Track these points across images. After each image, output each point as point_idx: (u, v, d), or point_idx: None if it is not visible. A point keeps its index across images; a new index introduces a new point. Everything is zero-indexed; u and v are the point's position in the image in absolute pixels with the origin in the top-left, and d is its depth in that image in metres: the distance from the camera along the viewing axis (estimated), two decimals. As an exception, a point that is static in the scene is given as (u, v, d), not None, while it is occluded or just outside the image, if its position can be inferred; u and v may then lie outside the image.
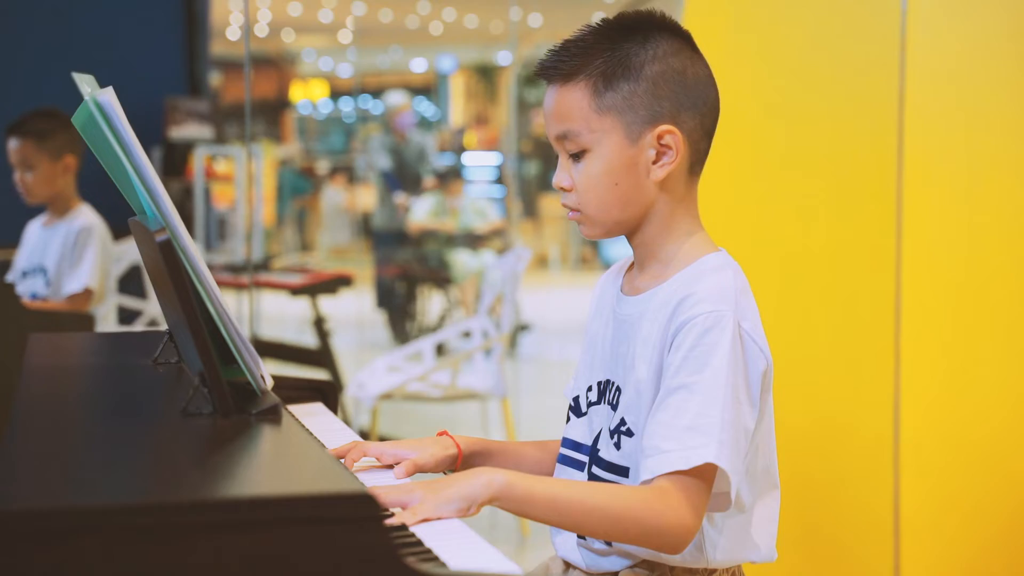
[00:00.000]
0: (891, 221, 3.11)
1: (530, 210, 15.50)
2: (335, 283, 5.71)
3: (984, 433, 3.04)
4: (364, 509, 1.04)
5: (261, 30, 17.44)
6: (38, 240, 3.58)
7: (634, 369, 1.51)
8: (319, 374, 6.39)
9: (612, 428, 1.54)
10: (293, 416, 1.69)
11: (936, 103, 3.14)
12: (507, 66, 16.96)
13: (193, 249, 1.45)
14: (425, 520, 1.32)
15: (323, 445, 1.65)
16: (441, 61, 19.13)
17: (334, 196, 14.69)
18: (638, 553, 1.52)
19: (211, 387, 1.37)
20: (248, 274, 4.66)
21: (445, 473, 1.71)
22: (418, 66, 20.62)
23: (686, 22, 3.84)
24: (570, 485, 1.45)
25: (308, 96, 19.31)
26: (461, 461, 1.69)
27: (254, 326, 6.46)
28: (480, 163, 14.81)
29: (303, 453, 1.24)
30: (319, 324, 5.69)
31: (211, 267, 5.95)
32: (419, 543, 1.29)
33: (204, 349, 1.35)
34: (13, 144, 3.48)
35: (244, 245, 6.42)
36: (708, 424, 1.40)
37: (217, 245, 6.61)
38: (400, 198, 8.15)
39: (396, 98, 8.80)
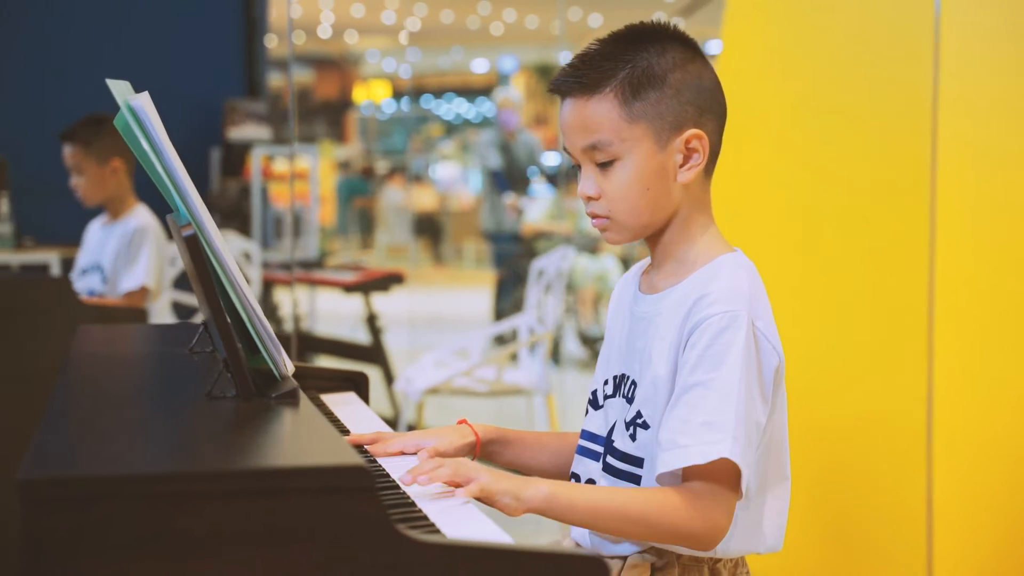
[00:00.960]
0: (925, 216, 3.14)
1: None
2: (387, 281, 5.82)
3: (1016, 426, 3.07)
4: (359, 480, 1.13)
5: (324, 32, 17.65)
6: (97, 239, 3.72)
7: (651, 364, 1.58)
8: (371, 370, 6.51)
9: (628, 420, 1.61)
10: (311, 400, 1.79)
11: (970, 100, 3.17)
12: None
13: (221, 244, 1.55)
14: (486, 493, 1.44)
15: (335, 426, 1.76)
16: (502, 62, 19.24)
17: (393, 195, 14.83)
18: (645, 541, 1.60)
19: (233, 372, 1.47)
20: (290, 270, 4.75)
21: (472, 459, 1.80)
22: (479, 67, 20.75)
23: (726, 23, 3.90)
24: (609, 494, 1.52)
25: (370, 97, 19.48)
26: (479, 449, 1.78)
27: (309, 322, 6.61)
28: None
29: (312, 432, 1.33)
30: (371, 321, 5.80)
31: (267, 265, 6.10)
32: (425, 519, 1.38)
33: (226, 336, 1.45)
34: (66, 150, 3.62)
35: (292, 243, 6.55)
36: (723, 421, 1.46)
37: (274, 243, 6.74)
38: (510, 199, 7.74)
39: (506, 93, 8.27)
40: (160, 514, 1.09)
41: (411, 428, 4.30)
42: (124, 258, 3.56)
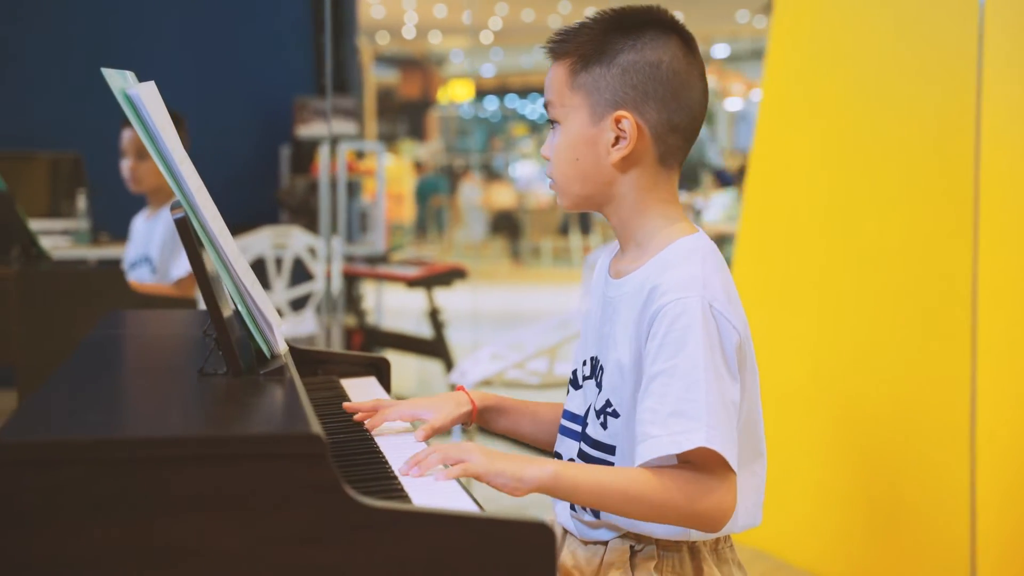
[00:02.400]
0: (969, 207, 3.13)
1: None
2: (449, 276, 5.89)
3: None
4: (311, 447, 1.18)
5: (408, 32, 17.84)
6: (142, 232, 3.82)
7: (615, 350, 1.61)
8: (433, 364, 6.59)
9: (598, 408, 1.64)
10: (330, 383, 1.86)
11: (1013, 93, 3.14)
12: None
13: (219, 228, 1.61)
14: (475, 475, 1.46)
15: (306, 399, 1.82)
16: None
17: (470, 193, 14.93)
18: (623, 525, 1.62)
19: (223, 350, 1.53)
20: (328, 263, 4.83)
21: (464, 428, 1.84)
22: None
23: (774, 20, 3.90)
24: (615, 474, 1.54)
25: (452, 96, 19.63)
26: (476, 416, 1.82)
27: (376, 317, 6.70)
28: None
29: (286, 404, 1.39)
30: (434, 315, 5.87)
31: (351, 259, 6.20)
32: (401, 490, 1.43)
33: (215, 316, 1.51)
34: (129, 134, 3.71)
35: (329, 237, 6.65)
36: (693, 408, 1.48)
37: (359, 238, 6.85)
38: (683, 197, 7.15)
39: None
40: (120, 478, 1.15)
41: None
42: (171, 247, 3.64)
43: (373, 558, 1.18)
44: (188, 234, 1.50)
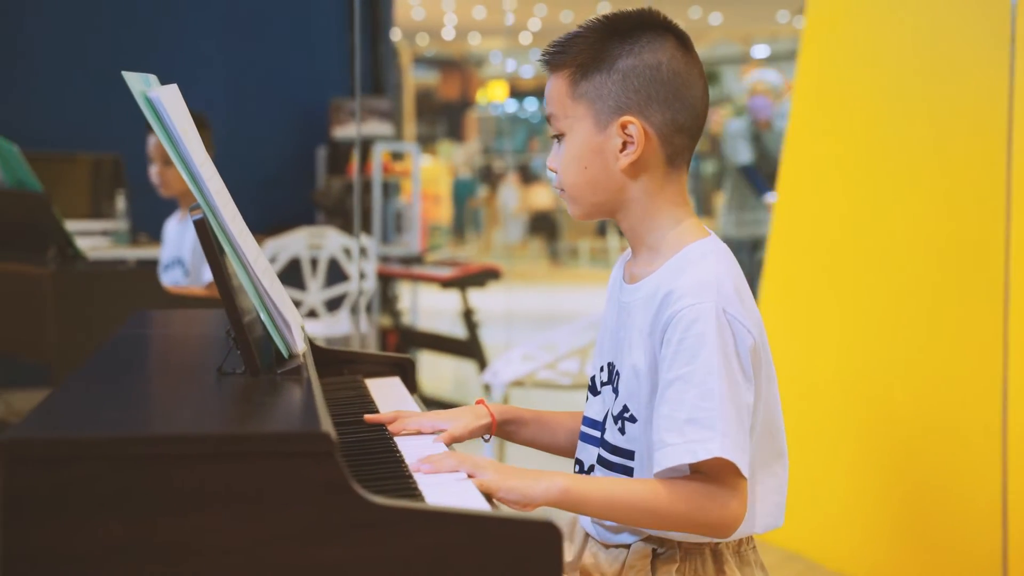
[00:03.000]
0: (1000, 214, 3.11)
1: (704, 208, 15.46)
2: (483, 276, 5.91)
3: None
4: (319, 445, 1.20)
5: (448, 34, 17.88)
6: (175, 235, 3.86)
7: (630, 355, 1.62)
8: (467, 364, 6.61)
9: (616, 414, 1.65)
10: (354, 383, 1.88)
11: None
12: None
13: (238, 229, 1.63)
14: (488, 490, 1.48)
15: (365, 405, 1.83)
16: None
17: (507, 195, 14.95)
18: (644, 529, 1.63)
19: (241, 349, 1.55)
20: (360, 263, 4.85)
21: (484, 439, 1.86)
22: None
23: (807, 23, 3.89)
24: (623, 485, 1.55)
25: (491, 97, 19.66)
26: (495, 428, 1.83)
27: (411, 317, 6.73)
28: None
29: (299, 403, 1.40)
30: (467, 315, 5.89)
31: (386, 259, 6.24)
32: (415, 489, 1.44)
33: (233, 316, 1.53)
34: (155, 139, 3.75)
35: (414, 238, 6.69)
36: (708, 417, 1.49)
37: (394, 238, 6.88)
38: (774, 199, 6.21)
39: (760, 76, 6.78)
40: (128, 475, 1.17)
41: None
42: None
43: (379, 555, 1.19)
44: (206, 235, 1.52)
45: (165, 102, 1.58)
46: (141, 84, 1.59)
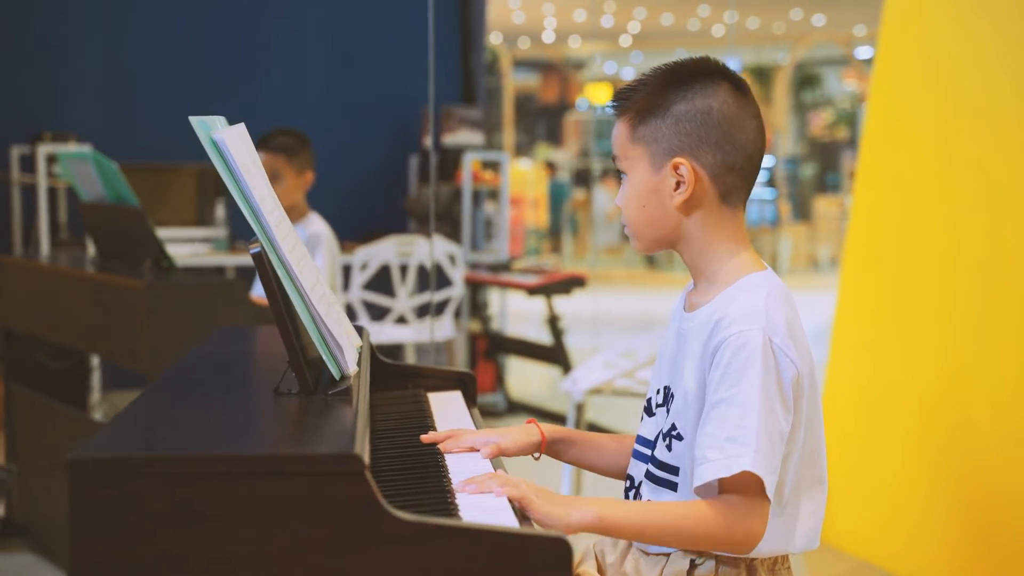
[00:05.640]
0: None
1: (803, 212, 15.36)
2: (568, 284, 6.01)
3: None
4: (348, 466, 1.32)
5: (548, 37, 17.99)
6: (268, 247, 4.03)
7: (683, 378, 1.74)
8: (552, 370, 6.72)
9: (665, 431, 1.77)
10: (417, 397, 2.00)
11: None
12: (784, 66, 16.86)
13: (296, 260, 1.76)
14: (528, 513, 1.59)
15: (426, 420, 1.95)
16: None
17: (603, 198, 14.99)
18: None
19: (295, 371, 1.68)
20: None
21: (534, 457, 1.97)
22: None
23: (881, 38, 3.91)
24: (653, 509, 1.67)
25: (593, 99, 19.70)
26: (544, 447, 1.95)
27: (500, 322, 6.85)
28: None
29: (341, 424, 1.53)
30: (553, 322, 5.99)
31: (475, 266, 6.37)
32: (454, 507, 1.56)
33: (288, 340, 1.67)
34: (262, 156, 3.92)
35: (504, 245, 6.80)
36: (745, 435, 1.60)
37: (483, 245, 7.01)
38: None
39: None
40: (178, 491, 1.30)
41: (576, 428, 4.47)
42: None
43: (402, 567, 1.31)
44: (263, 267, 1.65)
45: (229, 143, 1.71)
46: (206, 128, 1.72)
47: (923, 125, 3.77)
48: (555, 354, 6.02)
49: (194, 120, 1.71)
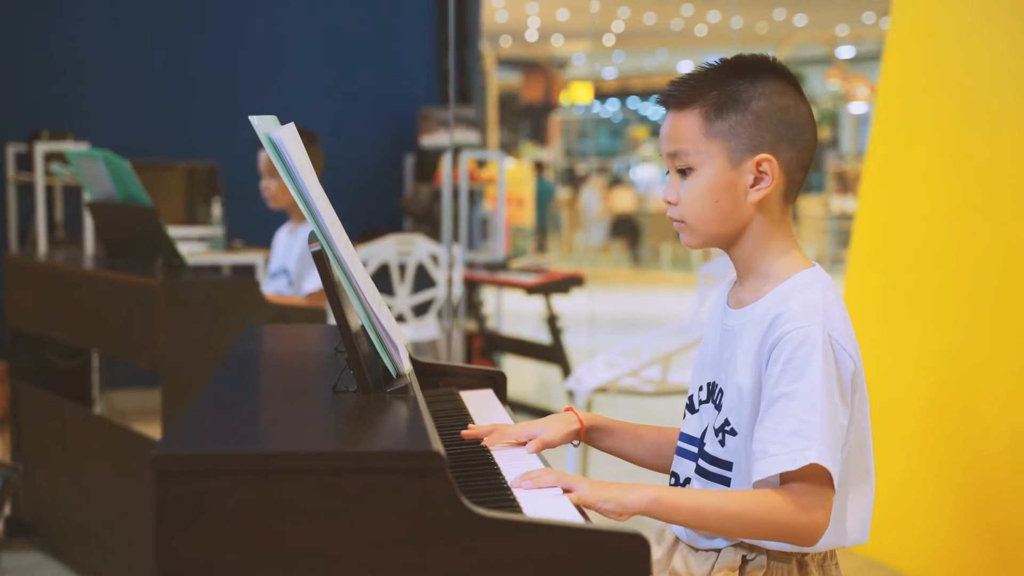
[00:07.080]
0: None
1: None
2: (567, 283, 6.03)
3: None
4: (431, 463, 1.33)
5: (531, 36, 18.02)
6: (283, 245, 4.04)
7: (735, 374, 1.74)
8: (547, 368, 6.74)
9: (717, 427, 1.77)
10: (451, 395, 2.01)
11: None
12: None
13: (350, 258, 1.77)
14: (585, 503, 1.61)
15: (462, 418, 1.97)
16: (708, 63, 19.18)
17: (590, 197, 15.03)
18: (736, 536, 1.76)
19: (353, 369, 1.70)
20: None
21: (574, 444, 1.99)
22: (685, 68, 20.70)
23: (890, 35, 3.95)
24: (712, 495, 1.68)
25: (573, 99, 19.75)
26: (583, 435, 1.96)
27: (496, 322, 6.87)
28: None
29: (410, 422, 1.54)
30: (551, 321, 6.01)
31: (472, 265, 6.39)
32: (514, 501, 1.58)
33: (347, 338, 1.68)
34: (265, 155, 3.93)
35: (501, 245, 6.82)
36: (810, 428, 1.61)
37: (479, 245, 7.02)
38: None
39: None
40: (260, 487, 1.31)
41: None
42: (306, 262, 3.83)
43: (484, 563, 1.33)
44: (324, 266, 1.66)
45: (286, 142, 1.73)
46: (265, 126, 1.73)
47: (929, 127, 3.80)
48: (554, 353, 6.04)
49: (254, 119, 1.72)
